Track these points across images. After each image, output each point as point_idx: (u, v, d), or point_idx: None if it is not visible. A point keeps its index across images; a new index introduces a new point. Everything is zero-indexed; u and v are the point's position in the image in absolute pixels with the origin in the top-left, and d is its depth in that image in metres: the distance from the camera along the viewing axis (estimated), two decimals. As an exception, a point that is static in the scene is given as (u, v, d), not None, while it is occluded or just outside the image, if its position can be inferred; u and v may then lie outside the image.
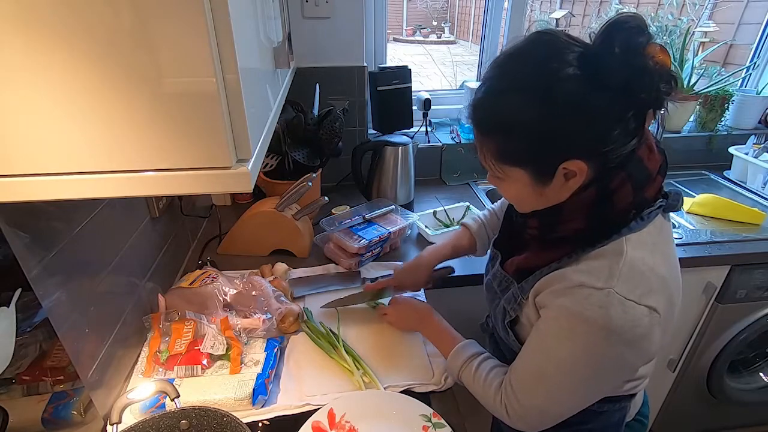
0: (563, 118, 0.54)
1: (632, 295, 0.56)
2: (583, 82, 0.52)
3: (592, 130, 0.54)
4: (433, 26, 6.74)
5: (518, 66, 0.57)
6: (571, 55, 0.54)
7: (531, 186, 0.61)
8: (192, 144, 0.45)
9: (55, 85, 0.41)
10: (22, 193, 0.46)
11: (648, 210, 0.61)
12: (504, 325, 0.74)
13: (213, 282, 0.99)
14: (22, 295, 0.59)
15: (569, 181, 0.58)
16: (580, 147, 0.55)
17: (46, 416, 0.66)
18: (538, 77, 0.54)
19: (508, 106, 0.57)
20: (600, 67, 0.52)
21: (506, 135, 0.58)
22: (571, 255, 0.62)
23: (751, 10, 2.10)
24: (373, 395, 0.82)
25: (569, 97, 0.53)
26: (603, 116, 0.53)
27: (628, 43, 0.51)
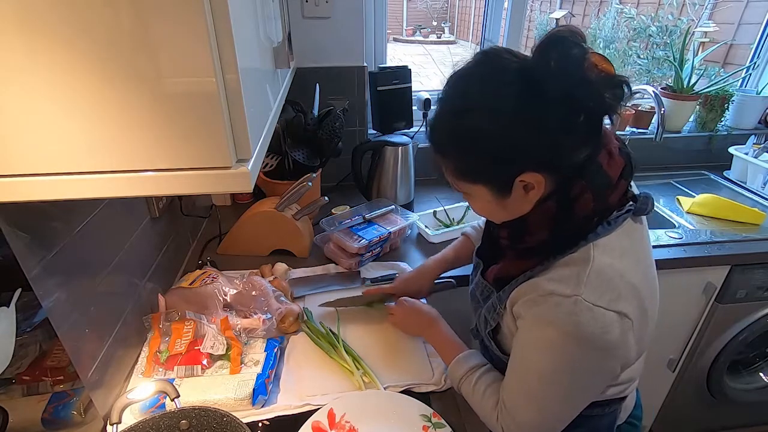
0: (512, 132, 0.55)
1: (601, 301, 0.56)
2: (525, 96, 0.54)
3: (541, 142, 0.55)
4: (433, 26, 6.74)
5: (465, 86, 0.60)
6: (511, 71, 0.55)
7: (493, 200, 0.62)
8: (192, 144, 0.45)
9: (54, 85, 0.41)
10: (22, 193, 0.46)
11: (616, 215, 0.61)
12: (486, 334, 0.75)
13: (213, 282, 0.99)
14: (22, 295, 0.59)
15: (529, 193, 0.59)
16: (532, 159, 0.56)
17: (46, 416, 0.66)
18: (483, 95, 0.57)
19: (459, 126, 0.59)
20: (538, 80, 0.53)
21: (461, 154, 0.61)
22: (543, 263, 0.63)
23: (751, 10, 2.10)
24: (373, 395, 0.82)
25: (514, 112, 0.54)
26: (550, 127, 0.54)
27: (564, 55, 0.53)
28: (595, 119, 0.56)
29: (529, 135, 0.55)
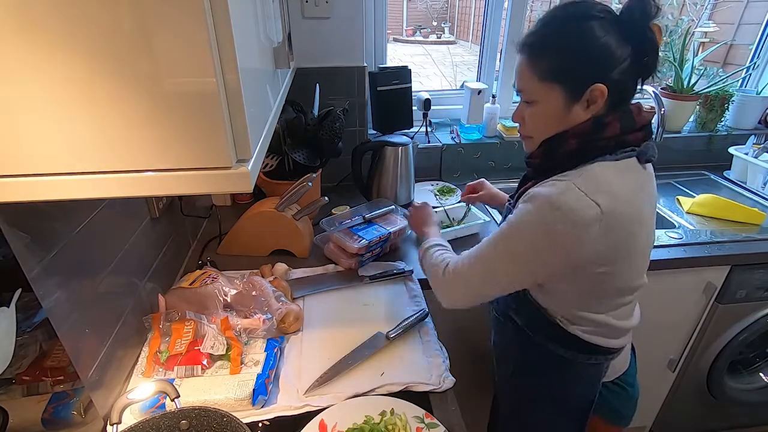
0: (599, 49, 0.70)
1: (585, 189, 0.69)
2: (612, 31, 0.69)
3: (614, 67, 0.70)
4: (433, 26, 6.73)
5: (567, 10, 0.74)
6: (606, 8, 0.72)
7: (560, 105, 0.74)
8: (192, 144, 0.45)
9: (55, 85, 0.41)
10: (23, 193, 0.46)
11: (622, 151, 0.74)
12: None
13: (213, 282, 0.99)
14: (22, 295, 0.59)
15: (590, 106, 0.72)
16: (604, 74, 0.71)
17: (46, 416, 0.66)
18: (582, 16, 0.71)
19: (561, 32, 0.73)
20: (626, 25, 0.70)
21: (557, 53, 0.72)
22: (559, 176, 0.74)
23: (751, 10, 2.10)
24: (364, 402, 0.81)
25: (603, 38, 0.69)
26: (620, 59, 0.70)
27: (645, 12, 0.69)
28: (642, 71, 0.72)
29: (609, 58, 0.70)
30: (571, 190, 0.68)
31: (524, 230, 0.72)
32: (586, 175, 0.70)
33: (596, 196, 0.68)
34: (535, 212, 0.70)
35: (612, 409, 0.97)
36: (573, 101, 0.73)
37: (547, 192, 0.70)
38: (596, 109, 0.72)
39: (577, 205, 0.67)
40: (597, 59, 0.70)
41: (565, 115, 0.74)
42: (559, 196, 0.68)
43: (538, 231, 0.70)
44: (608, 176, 0.71)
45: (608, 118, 0.72)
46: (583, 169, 0.72)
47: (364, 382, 0.86)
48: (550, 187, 0.71)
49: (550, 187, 0.70)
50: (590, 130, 0.73)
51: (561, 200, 0.68)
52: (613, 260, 0.73)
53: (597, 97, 0.71)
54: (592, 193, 0.68)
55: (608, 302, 0.79)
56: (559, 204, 0.68)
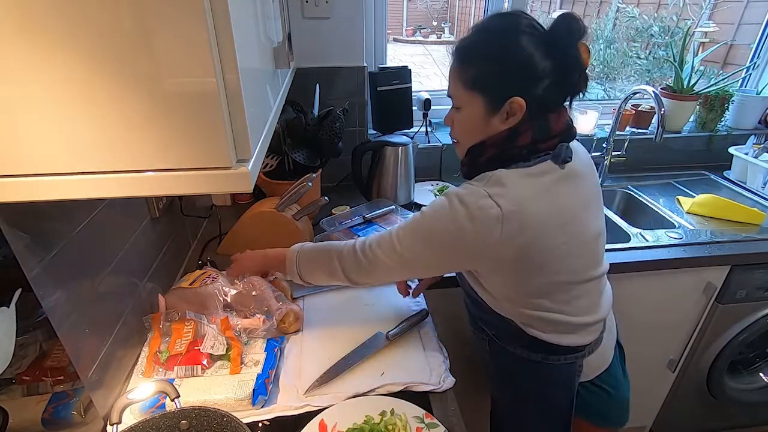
0: (521, 64, 0.73)
1: (489, 190, 0.73)
2: (537, 46, 0.72)
3: (535, 82, 0.73)
4: (433, 26, 6.73)
5: (495, 23, 0.78)
6: (537, 26, 0.74)
7: (482, 114, 0.77)
8: (192, 144, 0.45)
9: (54, 85, 0.41)
10: (23, 193, 0.46)
11: (535, 156, 0.77)
12: None
13: (213, 282, 0.99)
14: (22, 295, 0.59)
15: (508, 118, 0.75)
16: (527, 90, 0.73)
17: (46, 416, 0.66)
18: (509, 30, 0.73)
19: (489, 43, 0.76)
20: (551, 40, 0.72)
21: (482, 63, 0.75)
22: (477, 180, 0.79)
23: (751, 10, 2.10)
24: (363, 402, 0.81)
25: (526, 50, 0.71)
26: (543, 74, 0.72)
27: (570, 31, 0.71)
28: (568, 89, 0.76)
29: (533, 72, 0.72)
30: (477, 191, 0.73)
31: (436, 216, 0.77)
32: (494, 179, 0.75)
33: (498, 198, 0.72)
34: (447, 204, 0.75)
35: (595, 411, 0.96)
36: (493, 112, 0.76)
37: (457, 190, 0.76)
38: (515, 122, 0.75)
39: (480, 203, 0.72)
40: (518, 73, 0.73)
41: (485, 125, 0.77)
42: (465, 195, 0.73)
43: (447, 219, 0.75)
44: (514, 180, 0.74)
45: (522, 128, 0.76)
46: (494, 173, 0.76)
47: (364, 382, 0.86)
48: (461, 188, 0.76)
49: (462, 188, 0.76)
50: (504, 139, 0.76)
51: (467, 199, 0.73)
52: (533, 257, 0.75)
53: (516, 110, 0.74)
54: (495, 195, 0.72)
55: (555, 298, 0.80)
56: (466, 202, 0.73)
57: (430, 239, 0.78)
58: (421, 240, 0.79)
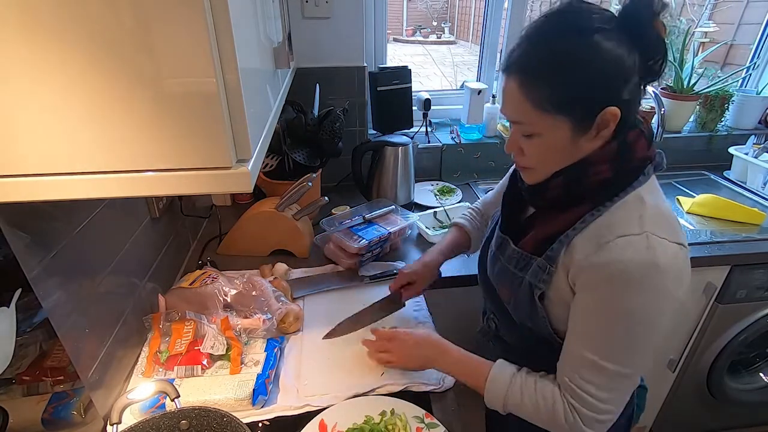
0: (610, 69, 0.59)
1: (664, 234, 0.60)
2: (619, 40, 0.59)
3: (624, 82, 0.60)
4: (433, 26, 6.73)
5: (563, 21, 0.61)
6: (603, 14, 0.60)
7: (569, 136, 0.63)
8: (192, 144, 0.45)
9: (55, 86, 0.41)
10: (23, 194, 0.46)
11: (647, 167, 0.67)
12: (532, 301, 0.70)
13: (213, 282, 0.99)
14: (22, 295, 0.59)
15: (601, 131, 0.62)
16: (615, 95, 0.60)
17: (46, 416, 0.66)
18: (583, 30, 0.59)
19: (562, 53, 0.60)
20: (632, 28, 0.59)
21: (559, 80, 0.60)
22: (593, 213, 0.65)
23: (751, 10, 2.10)
24: (363, 402, 0.81)
25: (612, 51, 0.58)
26: (631, 71, 0.60)
27: (651, 9, 0.58)
28: (648, 75, 0.62)
29: (619, 71, 0.59)
30: (659, 244, 0.59)
31: (642, 307, 0.61)
32: (653, 216, 0.62)
33: (677, 237, 0.61)
34: (642, 282, 0.59)
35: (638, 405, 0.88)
36: (582, 132, 0.63)
37: (637, 258, 0.59)
38: (607, 135, 0.63)
39: (672, 258, 0.60)
40: (608, 81, 0.60)
41: (573, 148, 0.64)
42: (656, 257, 0.59)
43: (657, 298, 0.61)
44: (663, 206, 0.64)
45: (631, 137, 0.64)
46: (635, 205, 0.63)
47: (364, 382, 0.86)
48: (629, 251, 0.59)
49: (632, 249, 0.59)
50: (617, 154, 0.64)
51: (660, 261, 0.59)
52: None
53: (608, 121, 0.61)
54: (672, 236, 0.61)
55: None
56: (660, 263, 0.59)
57: (650, 335, 0.63)
58: (643, 345, 0.63)
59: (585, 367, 0.65)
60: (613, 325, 0.62)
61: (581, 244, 0.64)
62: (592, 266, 0.62)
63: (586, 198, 0.66)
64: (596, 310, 0.63)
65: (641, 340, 0.63)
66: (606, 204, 0.64)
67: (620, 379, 0.65)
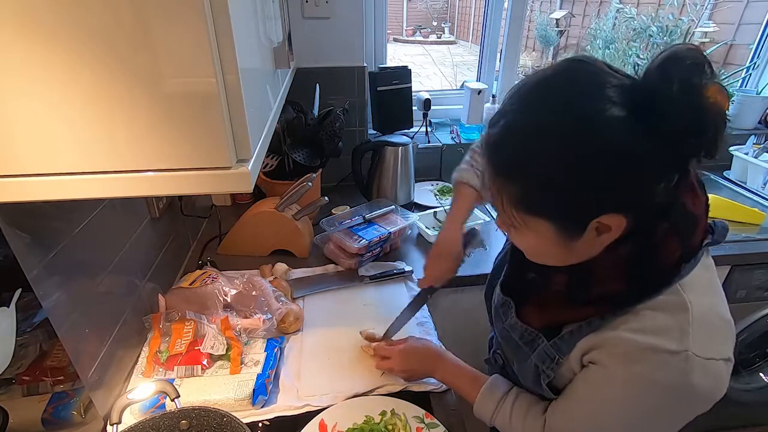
0: (603, 167, 0.45)
1: (711, 352, 0.49)
2: (630, 126, 0.43)
3: (635, 182, 0.46)
4: (433, 26, 6.73)
5: (549, 101, 0.47)
6: (614, 90, 0.44)
7: (554, 240, 0.52)
8: (192, 144, 0.45)
9: (55, 86, 0.41)
10: (24, 193, 0.46)
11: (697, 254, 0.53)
12: (538, 382, 0.63)
13: (213, 282, 0.99)
14: (22, 295, 0.59)
15: (602, 236, 0.49)
16: (619, 200, 0.47)
17: (46, 416, 0.66)
18: (575, 117, 0.45)
19: (536, 149, 0.47)
20: (657, 108, 0.43)
21: (530, 182, 0.49)
22: (616, 312, 0.53)
23: (751, 10, 2.10)
24: (363, 402, 0.81)
25: (613, 144, 0.44)
26: (649, 166, 0.45)
27: (690, 80, 0.42)
28: (695, 154, 0.47)
29: (624, 172, 0.45)
30: (699, 368, 0.48)
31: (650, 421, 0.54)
32: (698, 329, 0.49)
33: (724, 351, 0.50)
34: (664, 406, 0.52)
35: None
36: (571, 238, 0.51)
37: (668, 381, 0.49)
38: (610, 239, 0.50)
39: (712, 382, 0.50)
40: (606, 186, 0.46)
41: (565, 249, 0.52)
42: (691, 386, 0.49)
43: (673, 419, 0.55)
44: (711, 305, 0.52)
45: (658, 235, 0.49)
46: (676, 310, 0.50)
47: (364, 382, 0.86)
48: (660, 368, 0.49)
49: (663, 370, 0.49)
50: (632, 259, 0.51)
51: (695, 390, 0.50)
52: None
53: (610, 227, 0.48)
54: (720, 351, 0.50)
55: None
56: (693, 393, 0.50)
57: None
58: None
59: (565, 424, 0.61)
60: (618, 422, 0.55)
61: (599, 343, 0.54)
62: (618, 370, 0.52)
63: (605, 301, 0.54)
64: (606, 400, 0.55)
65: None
66: (635, 308, 0.52)
67: None
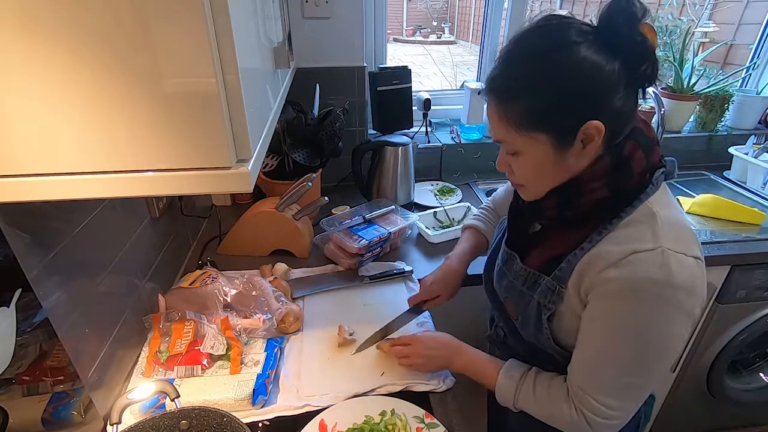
0: (586, 81, 0.58)
1: (681, 248, 0.59)
2: (596, 50, 0.58)
3: (606, 92, 0.59)
4: (433, 26, 6.74)
5: (536, 37, 0.61)
6: (583, 28, 0.60)
7: (552, 153, 0.62)
8: (192, 144, 0.45)
9: (55, 85, 0.41)
10: (24, 194, 0.46)
11: (655, 176, 0.64)
12: (539, 321, 0.70)
13: (213, 282, 0.99)
14: (22, 295, 0.59)
15: (587, 146, 0.61)
16: (597, 107, 0.59)
17: (46, 416, 0.66)
18: (558, 44, 0.59)
19: (534, 69, 0.60)
20: (610, 36, 0.58)
21: (533, 95, 0.60)
22: (600, 231, 0.63)
23: (751, 10, 2.10)
24: (363, 402, 0.81)
25: (587, 61, 0.57)
26: (614, 81, 0.58)
27: (630, 16, 0.57)
28: (640, 82, 0.60)
29: (598, 83, 0.58)
30: (674, 260, 0.58)
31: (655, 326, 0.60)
32: (667, 230, 0.60)
33: (692, 250, 0.60)
34: (659, 300, 0.58)
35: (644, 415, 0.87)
36: (565, 148, 0.62)
37: (651, 275, 0.58)
38: (594, 148, 0.61)
39: (688, 273, 0.58)
40: (584, 93, 0.59)
41: (560, 164, 0.63)
42: (672, 275, 0.57)
43: (671, 317, 0.60)
44: (677, 216, 0.62)
45: (626, 149, 0.62)
46: (647, 219, 0.61)
47: (364, 382, 0.86)
48: (643, 266, 0.58)
49: (645, 267, 0.58)
50: (611, 169, 0.62)
51: (676, 278, 0.57)
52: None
53: (592, 135, 0.60)
54: (688, 249, 0.59)
55: None
56: (676, 281, 0.57)
57: (665, 350, 0.62)
58: (656, 359, 0.63)
59: (595, 376, 0.65)
60: (627, 341, 0.62)
61: (592, 263, 0.62)
62: (605, 281, 0.61)
63: (590, 217, 0.64)
64: (609, 325, 0.62)
65: (654, 355, 0.62)
66: (613, 222, 0.62)
67: (631, 390, 0.65)
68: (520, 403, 0.73)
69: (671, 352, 0.63)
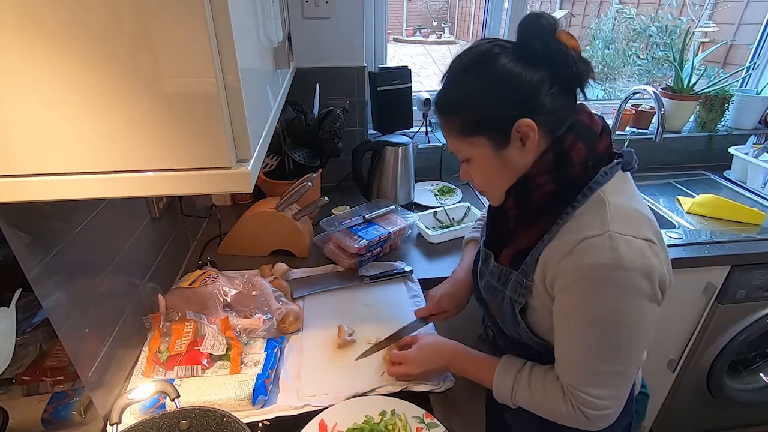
0: (504, 83, 0.64)
1: (630, 231, 0.61)
2: (515, 59, 0.64)
3: (530, 94, 0.64)
4: (433, 26, 6.74)
5: (465, 56, 0.69)
6: (505, 44, 0.67)
7: (493, 154, 0.68)
8: (192, 144, 0.45)
9: (55, 85, 0.41)
10: (24, 194, 0.46)
11: (609, 166, 0.67)
12: (514, 315, 0.74)
13: (213, 282, 0.99)
14: (22, 295, 0.59)
15: (526, 143, 0.66)
16: (524, 107, 0.64)
17: (46, 416, 0.66)
18: (482, 58, 0.66)
19: (463, 86, 0.68)
20: (527, 50, 0.64)
21: (466, 105, 0.68)
22: (557, 222, 0.66)
23: (751, 10, 2.10)
24: (363, 402, 0.81)
25: (506, 68, 0.64)
26: (535, 84, 0.64)
27: (540, 28, 0.63)
28: (574, 82, 0.66)
29: (520, 88, 0.64)
30: (622, 242, 0.60)
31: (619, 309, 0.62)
32: (615, 215, 0.63)
33: (643, 233, 0.62)
34: (613, 285, 0.61)
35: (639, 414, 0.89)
36: (503, 146, 0.67)
37: (600, 260, 0.60)
38: (533, 144, 0.65)
39: (638, 254, 0.60)
40: (508, 97, 0.64)
41: (505, 162, 0.68)
42: (620, 258, 0.60)
43: (631, 300, 0.62)
44: (629, 203, 0.65)
45: (566, 144, 0.66)
46: (597, 206, 0.64)
47: (364, 382, 0.86)
48: (592, 251, 0.61)
49: (595, 252, 0.61)
50: (553, 164, 0.66)
51: (625, 260, 0.60)
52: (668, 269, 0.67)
53: (526, 132, 0.64)
54: (638, 232, 0.62)
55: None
56: (625, 263, 0.60)
57: (633, 333, 0.64)
58: (628, 343, 0.64)
59: (578, 370, 0.68)
60: (594, 330, 0.64)
61: (551, 253, 0.66)
62: (563, 271, 0.64)
63: (545, 210, 0.68)
64: (576, 317, 0.66)
65: (626, 339, 0.64)
66: (568, 211, 0.66)
67: (615, 376, 0.67)
68: (518, 400, 0.75)
69: (641, 335, 0.65)
